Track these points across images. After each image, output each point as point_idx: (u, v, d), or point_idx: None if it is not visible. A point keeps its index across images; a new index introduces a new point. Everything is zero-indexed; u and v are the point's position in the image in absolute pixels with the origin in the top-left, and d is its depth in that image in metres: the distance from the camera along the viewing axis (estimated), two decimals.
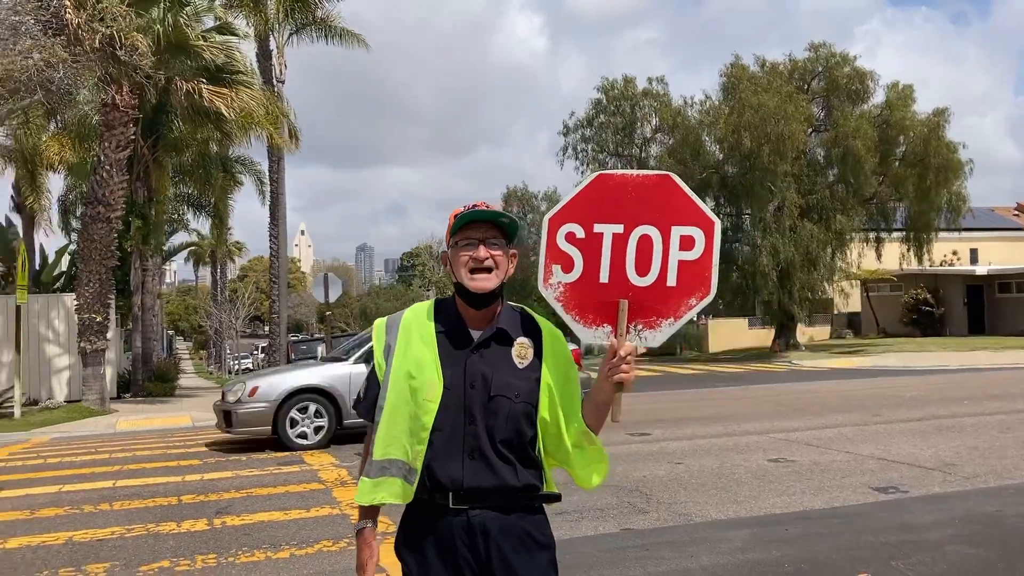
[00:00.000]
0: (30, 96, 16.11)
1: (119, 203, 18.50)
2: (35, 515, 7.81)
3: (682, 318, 2.52)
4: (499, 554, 2.43)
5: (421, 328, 2.50)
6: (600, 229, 2.56)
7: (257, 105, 18.84)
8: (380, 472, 2.43)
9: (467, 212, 2.50)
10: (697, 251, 2.53)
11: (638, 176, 2.60)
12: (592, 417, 2.54)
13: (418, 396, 2.40)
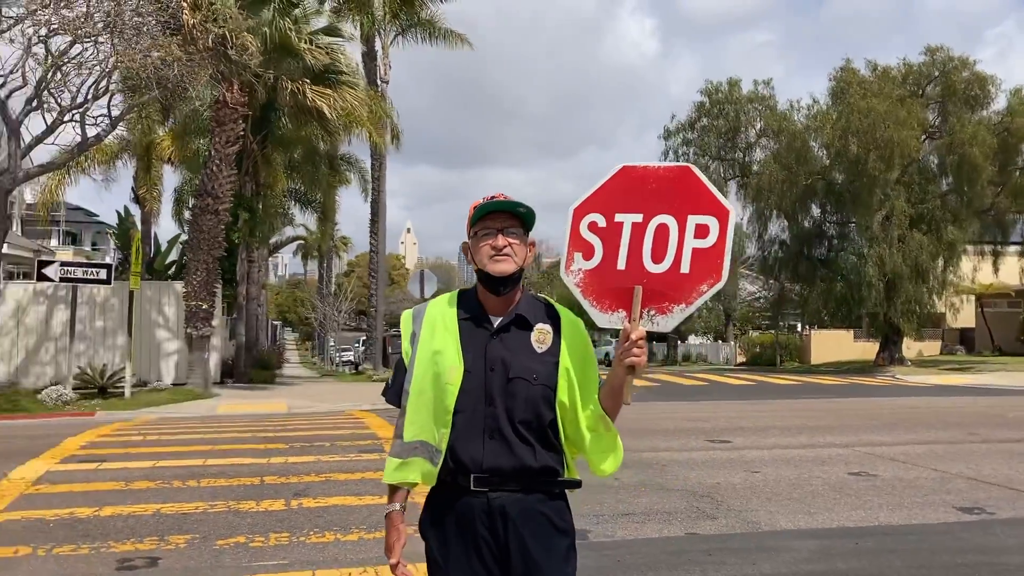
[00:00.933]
0: (148, 93, 17.00)
1: (227, 196, 19.32)
2: (129, 487, 8.29)
3: (693, 304, 2.57)
4: (517, 537, 2.49)
5: (444, 316, 2.60)
6: (621, 218, 2.64)
7: (359, 105, 19.38)
8: (408, 453, 2.52)
9: (486, 203, 2.59)
10: (711, 239, 2.57)
11: (660, 168, 2.67)
12: (608, 401, 2.60)
13: (440, 380, 2.50)
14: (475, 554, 2.49)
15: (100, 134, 17.68)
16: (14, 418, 15.13)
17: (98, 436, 12.00)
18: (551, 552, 2.55)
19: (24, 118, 17.00)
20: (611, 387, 2.58)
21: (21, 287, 21.40)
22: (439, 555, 2.53)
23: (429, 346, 2.55)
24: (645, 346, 2.50)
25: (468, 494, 2.49)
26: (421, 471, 2.51)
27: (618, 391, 2.56)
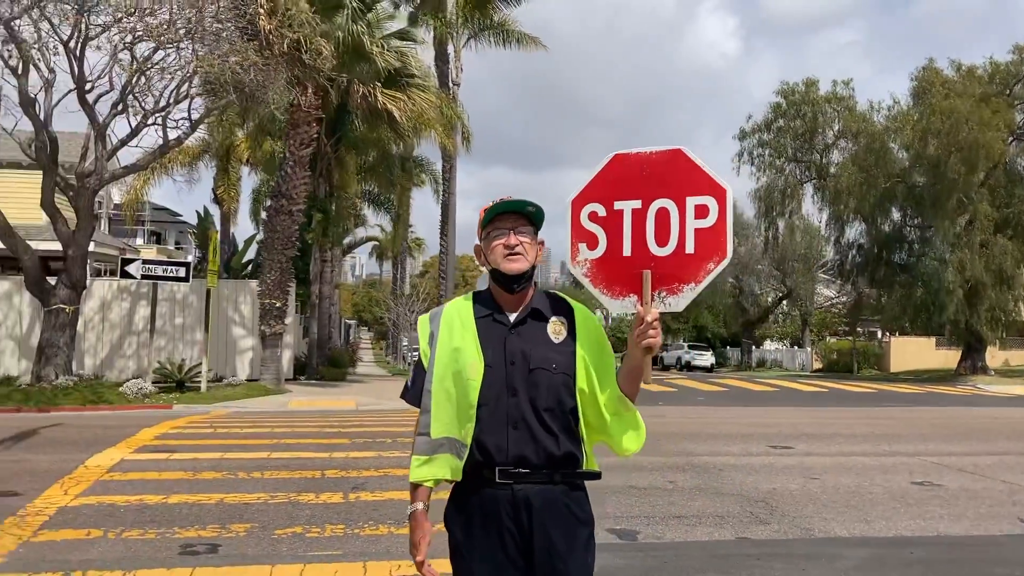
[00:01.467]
0: (226, 97, 17.56)
1: (301, 197, 19.82)
2: (196, 476, 8.62)
3: (702, 282, 2.66)
4: (541, 527, 2.57)
5: (461, 316, 2.69)
6: (620, 206, 2.72)
7: (428, 108, 19.67)
8: (433, 450, 2.61)
9: (497, 204, 2.70)
10: (712, 218, 2.64)
11: (652, 153, 2.74)
12: (627, 383, 2.68)
13: (462, 376, 2.58)
14: (499, 545, 2.56)
15: (181, 137, 18.32)
16: (98, 409, 15.79)
17: (172, 428, 12.48)
18: (573, 542, 2.63)
19: (110, 121, 17.74)
20: (629, 369, 2.66)
21: (106, 283, 22.29)
22: (463, 546, 2.61)
23: (448, 345, 2.64)
24: (659, 326, 2.58)
25: (493, 486, 2.56)
26: (449, 466, 2.59)
27: (637, 372, 2.64)
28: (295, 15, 16.94)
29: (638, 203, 2.70)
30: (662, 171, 2.70)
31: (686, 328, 58.48)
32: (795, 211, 42.44)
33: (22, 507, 7.25)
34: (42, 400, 16.05)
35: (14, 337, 21.16)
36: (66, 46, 16.66)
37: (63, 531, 6.56)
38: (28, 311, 20.64)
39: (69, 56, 16.76)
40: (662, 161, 2.72)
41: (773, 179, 41.36)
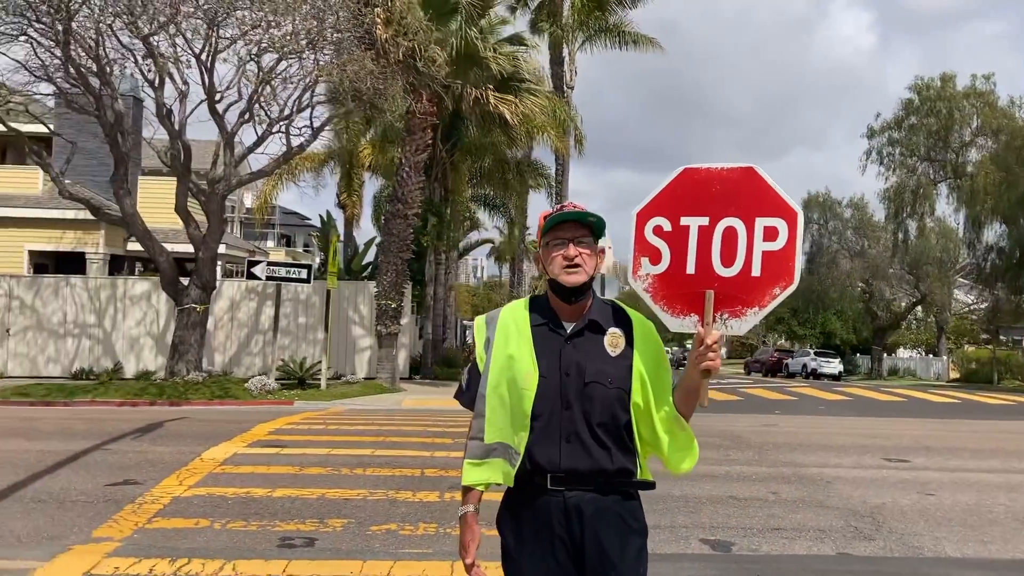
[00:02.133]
0: (344, 106, 18.18)
1: (416, 202, 20.26)
2: (302, 471, 8.94)
3: (767, 307, 2.59)
4: (593, 535, 2.56)
5: (518, 323, 2.68)
6: (686, 222, 2.66)
7: (540, 111, 19.77)
8: (486, 455, 2.62)
9: (556, 213, 2.67)
10: (780, 241, 2.57)
11: (723, 170, 2.67)
12: (683, 403, 2.64)
13: (516, 385, 2.58)
14: (550, 551, 2.57)
15: (303, 144, 19.05)
16: (224, 403, 16.59)
17: (286, 423, 12.97)
18: (625, 551, 2.61)
19: (238, 129, 18.62)
20: (686, 390, 2.62)
21: (235, 284, 23.37)
22: (514, 550, 2.63)
23: (504, 351, 2.63)
24: (719, 350, 2.54)
25: (545, 493, 2.56)
26: (501, 471, 2.60)
27: (693, 394, 2.60)
28: (410, 23, 17.34)
29: (705, 220, 2.64)
30: (733, 189, 2.64)
31: (813, 334, 56.44)
32: (927, 212, 40.43)
33: (141, 495, 7.71)
34: (174, 394, 16.98)
35: (152, 334, 22.46)
36: (198, 59, 17.59)
37: (174, 520, 6.94)
38: (164, 310, 21.85)
39: (201, 68, 17.68)
40: (733, 178, 2.65)
41: (904, 179, 39.56)
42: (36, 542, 6.26)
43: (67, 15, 15.72)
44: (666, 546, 6.58)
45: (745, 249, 2.59)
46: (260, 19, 17.01)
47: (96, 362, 21.95)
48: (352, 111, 18.70)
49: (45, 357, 22.05)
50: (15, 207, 24.55)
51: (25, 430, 11.86)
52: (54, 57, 17.01)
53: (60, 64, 17.00)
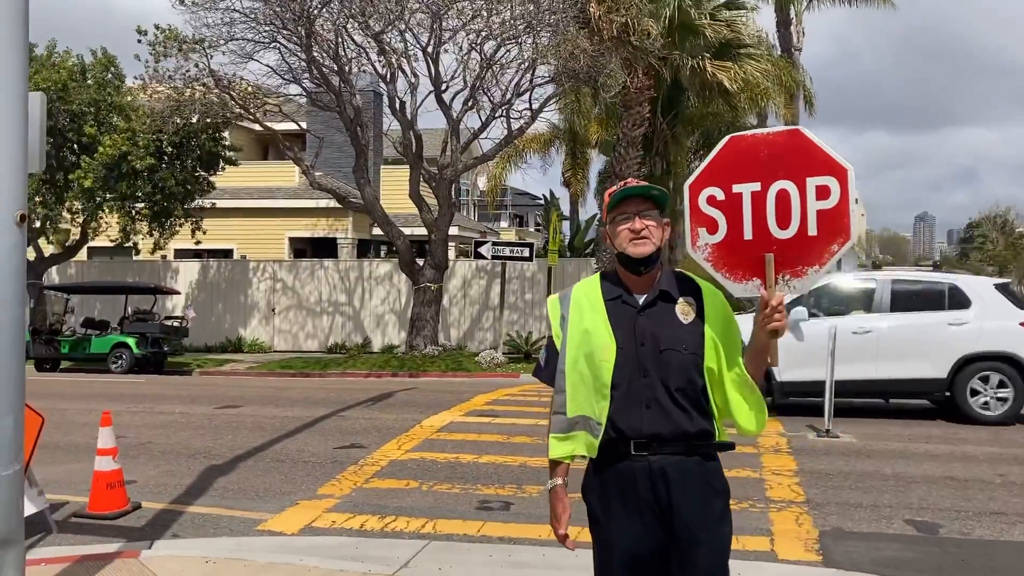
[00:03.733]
0: (561, 86, 18.53)
1: (634, 175, 20.27)
2: (509, 439, 9.40)
3: (826, 264, 2.63)
4: (679, 497, 2.66)
5: (590, 298, 2.80)
6: (739, 189, 2.72)
7: (762, 76, 19.07)
8: (569, 428, 2.75)
9: (621, 189, 2.78)
10: (833, 199, 2.60)
11: (769, 135, 2.71)
12: (751, 366, 2.70)
13: (595, 358, 2.70)
14: (637, 514, 2.68)
15: (523, 127, 19.63)
16: (456, 376, 17.59)
17: (504, 395, 13.57)
18: (710, 512, 2.70)
19: (463, 117, 19.52)
20: (754, 352, 2.69)
21: (467, 264, 24.56)
22: (602, 516, 2.75)
23: (579, 327, 2.74)
24: (784, 310, 2.59)
25: (629, 458, 2.67)
26: (585, 443, 2.72)
27: (762, 355, 2.68)
28: None
29: (757, 186, 2.70)
30: (780, 152, 2.68)
31: None
32: None
33: (363, 457, 8.48)
34: (412, 367, 18.23)
35: (395, 311, 24.15)
36: (424, 52, 18.62)
37: (388, 480, 7.59)
38: (405, 289, 23.41)
39: (427, 61, 18.71)
40: (780, 142, 2.69)
41: None
42: (271, 496, 7.11)
43: (308, 21, 17.22)
44: (864, 524, 6.34)
45: (799, 210, 2.63)
46: (480, 8, 17.71)
47: (348, 337, 23.94)
48: (568, 91, 18.99)
49: (304, 333, 24.35)
50: (277, 199, 27.25)
51: (278, 398, 13.30)
52: (300, 60, 18.67)
53: (305, 66, 18.66)
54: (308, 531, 6.18)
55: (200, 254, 26.04)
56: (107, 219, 21.53)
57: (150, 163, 19.88)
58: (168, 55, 18.75)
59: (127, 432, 9.76)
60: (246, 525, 6.31)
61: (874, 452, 8.90)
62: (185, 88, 19.02)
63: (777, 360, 2.68)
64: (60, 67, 20.45)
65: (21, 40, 4.02)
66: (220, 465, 8.06)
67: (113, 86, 21.21)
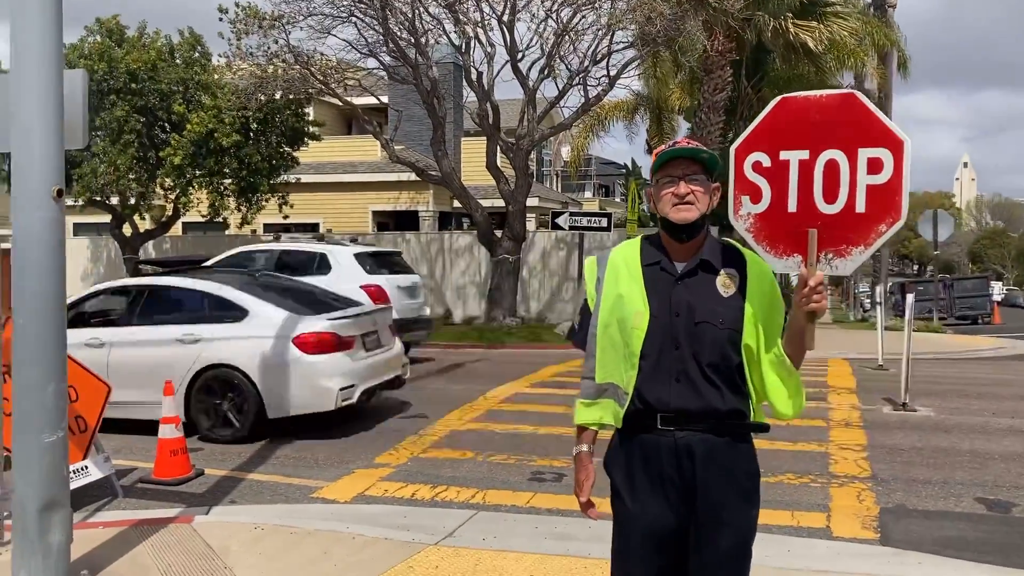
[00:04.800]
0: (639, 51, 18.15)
1: (716, 142, 19.73)
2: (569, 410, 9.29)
3: (873, 245, 2.49)
4: (704, 476, 2.56)
5: (628, 263, 2.69)
6: (786, 156, 2.58)
7: (849, 36, 18.25)
8: (597, 395, 2.69)
9: (668, 149, 2.62)
10: (886, 174, 2.44)
11: (822, 97, 2.56)
12: (790, 347, 2.58)
13: (626, 325, 2.61)
14: (659, 489, 2.60)
15: (599, 94, 19.33)
16: (534, 347, 17.58)
17: (575, 366, 13.41)
18: (735, 493, 2.60)
19: (538, 86, 19.34)
20: (792, 333, 2.57)
21: (546, 235, 24.43)
22: (623, 489, 2.68)
23: (614, 291, 2.65)
24: (824, 291, 2.46)
25: (655, 432, 2.59)
26: (610, 412, 2.66)
27: (800, 337, 2.55)
28: None
29: (805, 154, 2.54)
30: (833, 118, 2.51)
31: None
32: None
33: (424, 428, 8.55)
34: (492, 339, 18.29)
35: (475, 283, 24.26)
36: (500, 21, 18.49)
37: (446, 450, 7.64)
38: (484, 261, 23.46)
39: (502, 30, 18.56)
40: (833, 106, 2.53)
41: None
42: (329, 465, 7.24)
43: None
44: (930, 502, 6.07)
45: (848, 184, 2.47)
46: None
47: (430, 309, 24.19)
48: (647, 56, 18.60)
49: None
50: (360, 172, 27.64)
51: None
52: (376, 33, 18.79)
53: (382, 40, 18.77)
54: (360, 499, 6.27)
55: (288, 228, 26.67)
56: (197, 195, 22.23)
57: (236, 139, 20.38)
58: (249, 32, 19.10)
59: None
60: (302, 493, 6.44)
61: (952, 427, 8.50)
62: (267, 65, 19.40)
63: (813, 344, 2.54)
64: (150, 48, 21.12)
65: (53, 20, 4.10)
66: (283, 434, 8.24)
67: (200, 64, 21.79)
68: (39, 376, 4.12)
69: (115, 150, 20.45)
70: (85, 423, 6.21)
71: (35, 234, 4.09)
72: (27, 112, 4.06)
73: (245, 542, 5.13)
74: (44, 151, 4.09)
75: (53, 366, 4.18)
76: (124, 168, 20.48)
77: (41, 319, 4.12)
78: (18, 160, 4.10)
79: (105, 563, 4.71)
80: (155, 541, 5.12)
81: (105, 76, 20.15)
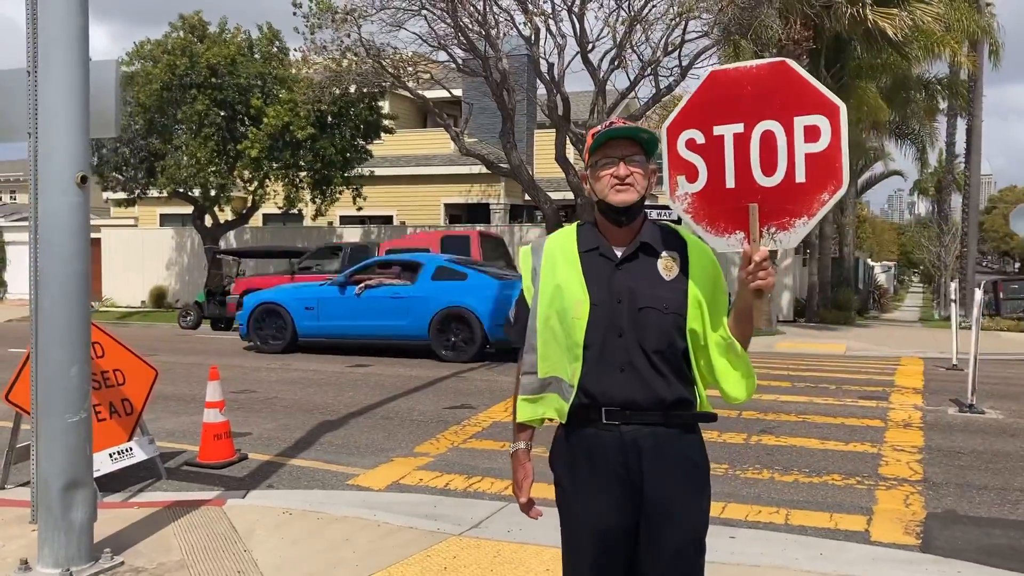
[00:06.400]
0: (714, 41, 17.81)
1: None
2: None
3: (816, 215, 2.39)
4: (651, 471, 2.47)
5: (565, 250, 2.58)
6: (720, 131, 2.48)
7: (934, 22, 17.48)
8: (540, 389, 2.57)
9: (605, 130, 2.53)
10: (824, 141, 2.34)
11: (752, 68, 2.45)
12: (737, 328, 2.48)
13: (567, 315, 2.50)
14: (605, 487, 2.50)
15: (671, 85, 19.01)
16: None
17: None
18: (685, 486, 2.51)
19: (609, 76, 19.13)
20: (739, 313, 2.47)
21: None
22: (568, 488, 2.58)
23: (551, 280, 2.55)
24: (770, 266, 2.36)
25: (599, 427, 2.49)
26: (554, 407, 2.55)
27: (747, 316, 2.45)
28: None
29: (740, 127, 2.45)
30: (766, 88, 2.41)
31: None
32: None
33: (468, 418, 8.55)
34: None
35: None
36: (570, 11, 18.34)
37: (485, 441, 7.62)
38: None
39: (572, 20, 18.42)
40: (764, 75, 2.42)
41: None
42: (370, 452, 7.30)
43: None
44: (983, 508, 5.77)
45: (787, 154, 2.37)
46: None
47: None
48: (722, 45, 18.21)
49: None
50: (433, 165, 27.85)
51: (408, 359, 13.57)
52: (447, 26, 18.87)
53: (452, 33, 18.83)
54: (394, 487, 6.29)
55: (363, 220, 27.09)
56: (273, 187, 22.75)
57: (311, 132, 20.79)
58: (323, 26, 19.41)
59: (258, 387, 10.32)
60: (339, 479, 6.50)
61: (1019, 431, 8.08)
62: (341, 59, 19.69)
63: (762, 322, 2.45)
64: (230, 43, 21.71)
65: (78, 10, 4.20)
66: (332, 421, 8.35)
67: (277, 59, 22.28)
68: (63, 357, 4.25)
69: (196, 143, 21.08)
70: (131, 406, 6.39)
71: (60, 219, 4.21)
72: (52, 100, 4.18)
73: (270, 526, 5.19)
74: (69, 139, 4.20)
75: (77, 348, 4.30)
76: (205, 160, 21.10)
77: (65, 301, 4.24)
78: (43, 146, 4.23)
79: (131, 542, 4.83)
80: (184, 523, 5.22)
81: (187, 70, 20.79)
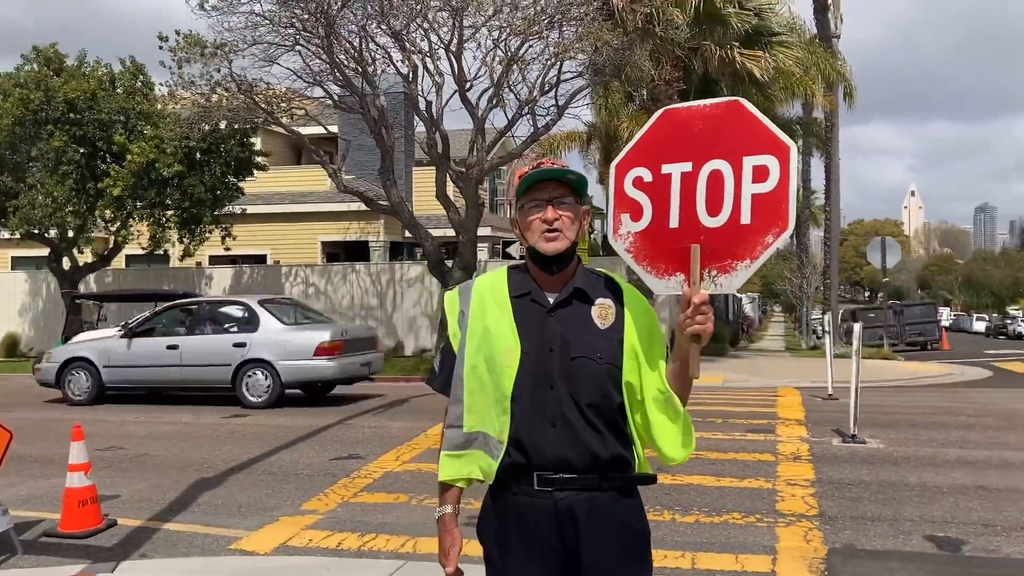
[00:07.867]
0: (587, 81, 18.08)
1: None
2: None
3: (759, 258, 2.26)
4: (588, 541, 2.28)
5: (495, 294, 2.40)
6: (668, 169, 2.35)
7: (795, 65, 18.37)
8: (464, 445, 2.36)
9: (532, 172, 2.38)
10: (771, 182, 2.23)
11: (705, 107, 2.34)
12: (676, 380, 2.31)
13: (496, 363, 2.31)
14: (538, 559, 2.30)
15: (548, 124, 19.20)
16: None
17: None
18: (626, 556, 2.32)
19: (487, 115, 19.17)
20: (677, 363, 2.29)
21: (498, 264, 24.23)
22: (497, 560, 2.37)
23: (480, 325, 2.36)
24: (710, 311, 2.19)
25: (531, 494, 2.29)
26: (479, 465, 2.34)
27: (685, 366, 2.26)
28: None
29: (688, 166, 2.32)
30: (717, 126, 2.30)
31: None
32: None
33: (357, 469, 8.16)
34: None
35: (427, 314, 23.92)
36: (447, 50, 18.30)
37: (378, 494, 7.26)
38: (436, 292, 23.16)
39: (450, 58, 18.38)
40: (716, 114, 2.31)
41: None
42: (253, 512, 6.82)
43: (328, 23, 17.01)
44: (879, 541, 5.84)
45: (733, 194, 2.26)
46: (501, 3, 17.31)
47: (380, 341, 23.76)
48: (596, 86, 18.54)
49: None
50: (309, 203, 27.21)
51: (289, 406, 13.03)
52: (322, 63, 18.49)
53: (328, 69, 18.47)
54: (282, 550, 5.87)
55: (235, 260, 26.11)
56: (138, 227, 21.64)
57: (178, 170, 19.89)
58: (190, 60, 18.69)
59: (127, 443, 9.61)
60: (220, 544, 6.02)
61: (901, 459, 8.34)
62: (210, 93, 18.99)
63: (699, 372, 2.29)
64: (90, 77, 20.62)
65: None
66: (209, 478, 7.80)
67: (142, 94, 21.31)
68: None
69: (53, 181, 19.86)
70: None
71: None
72: None
73: None
74: None
75: None
76: (62, 200, 19.88)
77: None
78: None
79: None
80: None
81: (42, 105, 19.62)
